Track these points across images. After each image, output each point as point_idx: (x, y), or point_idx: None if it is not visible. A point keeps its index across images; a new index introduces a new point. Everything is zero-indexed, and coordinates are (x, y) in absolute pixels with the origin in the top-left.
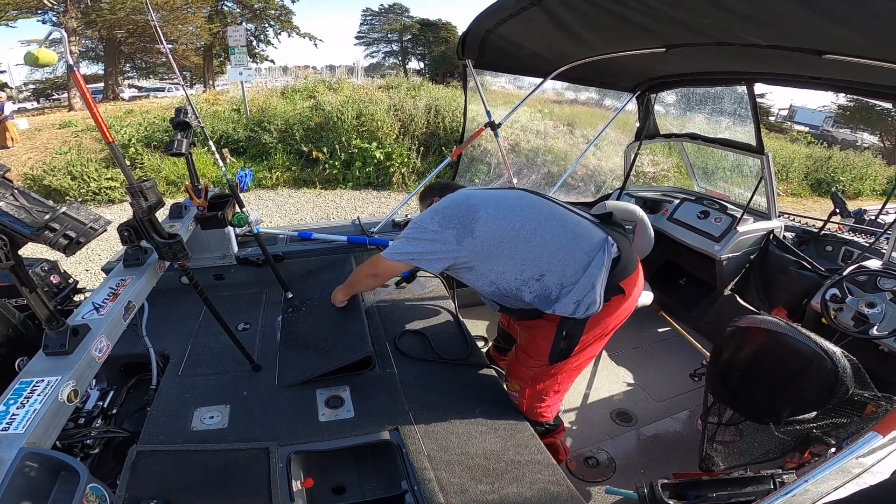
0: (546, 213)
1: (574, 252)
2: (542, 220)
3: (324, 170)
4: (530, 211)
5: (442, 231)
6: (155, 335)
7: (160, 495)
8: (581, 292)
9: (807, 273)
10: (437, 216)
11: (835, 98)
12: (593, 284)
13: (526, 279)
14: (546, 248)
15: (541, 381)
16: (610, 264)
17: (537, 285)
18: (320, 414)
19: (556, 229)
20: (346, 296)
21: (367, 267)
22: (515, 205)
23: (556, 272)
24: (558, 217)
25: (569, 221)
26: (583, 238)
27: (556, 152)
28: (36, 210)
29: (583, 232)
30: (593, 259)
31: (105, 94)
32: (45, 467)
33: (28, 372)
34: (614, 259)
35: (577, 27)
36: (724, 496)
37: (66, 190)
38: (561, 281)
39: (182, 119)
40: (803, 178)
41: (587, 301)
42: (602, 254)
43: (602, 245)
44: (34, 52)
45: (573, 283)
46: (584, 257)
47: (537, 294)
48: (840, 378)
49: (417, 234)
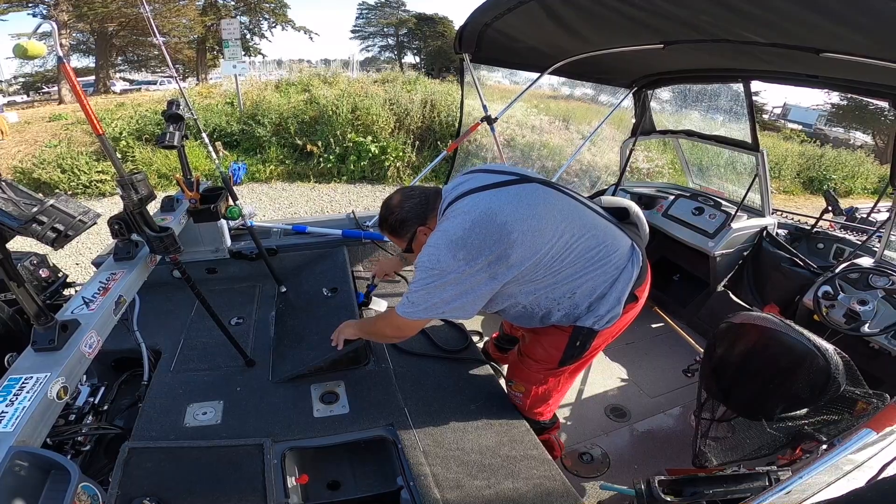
0: (578, 221)
1: (605, 266)
2: (577, 233)
3: (318, 163)
4: (563, 222)
5: (471, 269)
6: (146, 330)
7: (153, 492)
8: (607, 307)
9: (799, 270)
10: (460, 250)
11: (828, 97)
12: (619, 300)
13: (557, 298)
14: (580, 265)
15: (546, 384)
16: (637, 276)
17: (568, 303)
18: (315, 409)
19: (589, 241)
20: (357, 336)
21: (390, 329)
22: (546, 214)
23: (587, 288)
24: (589, 225)
25: (598, 229)
26: (613, 249)
27: (551, 147)
28: (23, 203)
29: (612, 242)
30: (622, 273)
31: (96, 87)
32: (35, 466)
33: (17, 369)
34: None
35: (575, 22)
36: (719, 492)
37: (57, 183)
38: (590, 298)
39: (174, 111)
40: (796, 175)
41: (610, 315)
42: (630, 266)
43: (630, 256)
44: (23, 44)
45: (601, 296)
46: (614, 271)
47: (566, 312)
48: (832, 375)
49: (437, 279)
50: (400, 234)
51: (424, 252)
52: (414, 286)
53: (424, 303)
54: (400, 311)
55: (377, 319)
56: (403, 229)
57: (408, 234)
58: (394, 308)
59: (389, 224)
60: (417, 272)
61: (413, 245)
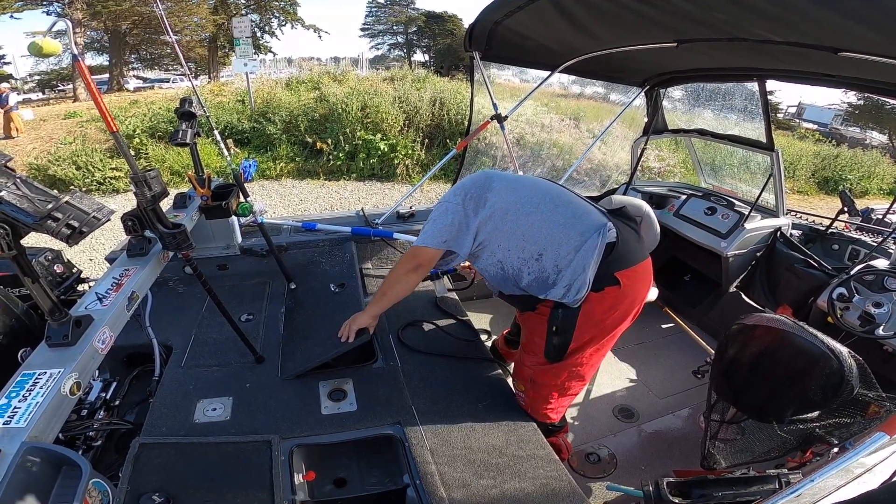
0: (553, 193)
1: (570, 232)
2: (547, 199)
3: (328, 161)
4: (538, 189)
5: (462, 203)
6: (158, 325)
7: (162, 488)
8: (572, 275)
9: (813, 271)
10: (459, 189)
11: (844, 96)
12: (584, 267)
13: (526, 258)
14: (545, 225)
15: (541, 381)
16: (603, 249)
17: (536, 266)
18: (323, 407)
19: (558, 208)
20: (376, 316)
21: (406, 262)
22: (527, 183)
23: (552, 252)
24: (563, 198)
25: (572, 203)
26: (581, 219)
27: (561, 146)
28: (38, 199)
29: (583, 214)
30: (587, 241)
31: (110, 85)
32: (47, 462)
33: (30, 364)
34: (610, 245)
35: (587, 20)
36: (728, 495)
37: (71, 180)
38: (556, 262)
39: (187, 109)
40: (810, 175)
41: (577, 284)
42: (597, 236)
43: (599, 228)
44: (38, 42)
45: (567, 264)
46: (579, 238)
47: (535, 276)
48: (846, 378)
49: (442, 210)
50: None
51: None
52: (428, 220)
53: (433, 229)
54: (416, 243)
55: (391, 273)
56: None
57: None
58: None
59: None
60: (432, 211)
61: None
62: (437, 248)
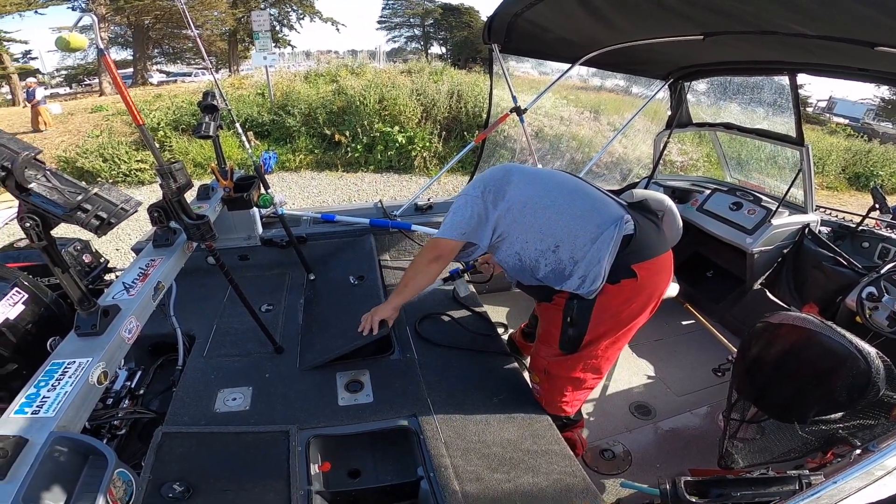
0: (571, 185)
1: (587, 223)
2: (565, 191)
3: (346, 153)
4: (556, 182)
5: (482, 196)
6: (181, 315)
7: (182, 477)
8: (588, 266)
9: (842, 270)
10: (478, 182)
11: (877, 90)
12: (599, 259)
13: (543, 250)
14: (561, 217)
15: (555, 372)
16: (619, 241)
17: (552, 257)
18: (340, 398)
19: (575, 200)
20: (397, 308)
21: (427, 252)
22: (546, 176)
23: (569, 243)
24: (581, 190)
25: (590, 195)
26: (598, 211)
27: (580, 139)
28: (68, 191)
29: (601, 206)
30: (603, 233)
31: (134, 79)
32: (74, 451)
33: (59, 353)
34: (627, 237)
35: (609, 12)
36: (747, 495)
37: (98, 172)
38: (572, 254)
39: (210, 102)
40: (840, 171)
41: (591, 276)
42: (613, 228)
43: (616, 221)
44: (65, 37)
45: (582, 256)
46: (595, 230)
47: (552, 268)
48: (873, 379)
49: (462, 202)
50: None
51: None
52: (448, 213)
53: (453, 221)
54: (436, 234)
55: (412, 265)
56: None
57: None
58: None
59: None
60: (453, 204)
61: None
62: (457, 239)
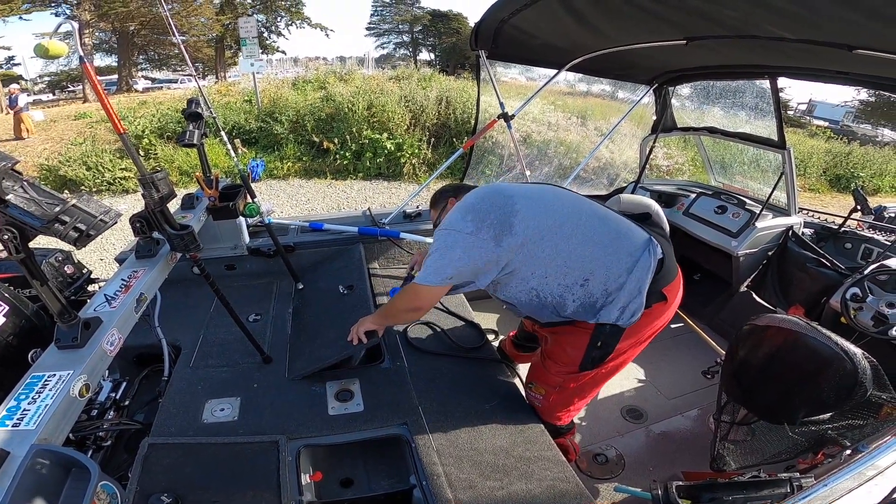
0: (585, 209)
1: (618, 252)
2: (583, 217)
3: (334, 160)
4: (569, 206)
5: (477, 232)
6: (166, 326)
7: (170, 488)
8: (627, 297)
9: (826, 271)
10: (469, 214)
11: (856, 93)
12: (640, 289)
13: (569, 284)
14: (588, 247)
15: (567, 388)
16: (655, 267)
17: (581, 291)
18: (330, 407)
19: (597, 227)
20: (378, 326)
21: (406, 300)
22: (553, 199)
23: (601, 275)
24: (599, 214)
25: (610, 219)
26: (626, 237)
27: (568, 144)
28: (46, 203)
29: (626, 230)
30: (638, 261)
31: (119, 86)
32: (56, 464)
33: (40, 366)
34: (659, 261)
35: (594, 18)
36: (739, 499)
37: (82, 180)
38: (606, 286)
39: (194, 110)
40: (822, 173)
41: (633, 307)
42: (647, 255)
43: (646, 246)
44: (44, 44)
45: (618, 287)
46: (629, 259)
47: (581, 303)
48: (859, 380)
49: (450, 241)
50: (435, 205)
51: (444, 219)
52: (430, 250)
53: (436, 264)
54: (417, 280)
55: (394, 298)
56: (440, 200)
57: (441, 205)
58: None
59: (433, 198)
60: (434, 240)
61: (442, 216)
62: (442, 285)
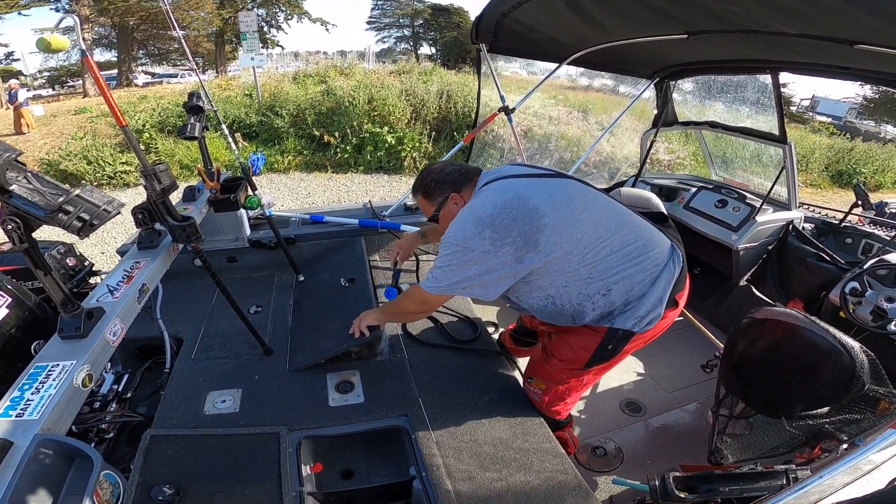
0: (615, 217)
1: (644, 262)
2: (612, 227)
3: (335, 154)
4: (598, 214)
5: (496, 249)
6: (168, 318)
7: (172, 480)
8: (647, 307)
9: (826, 265)
10: (487, 229)
11: (859, 89)
12: (661, 299)
13: (591, 294)
14: (617, 258)
15: (568, 384)
16: (677, 277)
17: (602, 301)
18: (330, 399)
19: (626, 237)
20: (381, 322)
21: (414, 303)
22: (581, 206)
23: (623, 286)
24: (627, 222)
25: (636, 226)
26: (652, 246)
27: (568, 138)
28: (49, 193)
29: (651, 239)
30: (662, 272)
31: (119, 81)
32: (59, 454)
33: (43, 356)
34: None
35: (595, 12)
36: (735, 490)
37: (82, 174)
38: (627, 296)
39: (195, 103)
40: (824, 168)
41: (651, 316)
42: (671, 265)
43: (670, 255)
44: (46, 38)
45: (639, 296)
46: (654, 268)
47: (600, 311)
48: (857, 374)
49: (464, 260)
50: (432, 197)
51: (452, 227)
52: (439, 262)
53: (447, 279)
54: (424, 286)
55: (400, 298)
56: (437, 192)
57: (439, 199)
58: (417, 284)
59: (425, 185)
60: (443, 248)
61: (441, 212)
62: (451, 294)
